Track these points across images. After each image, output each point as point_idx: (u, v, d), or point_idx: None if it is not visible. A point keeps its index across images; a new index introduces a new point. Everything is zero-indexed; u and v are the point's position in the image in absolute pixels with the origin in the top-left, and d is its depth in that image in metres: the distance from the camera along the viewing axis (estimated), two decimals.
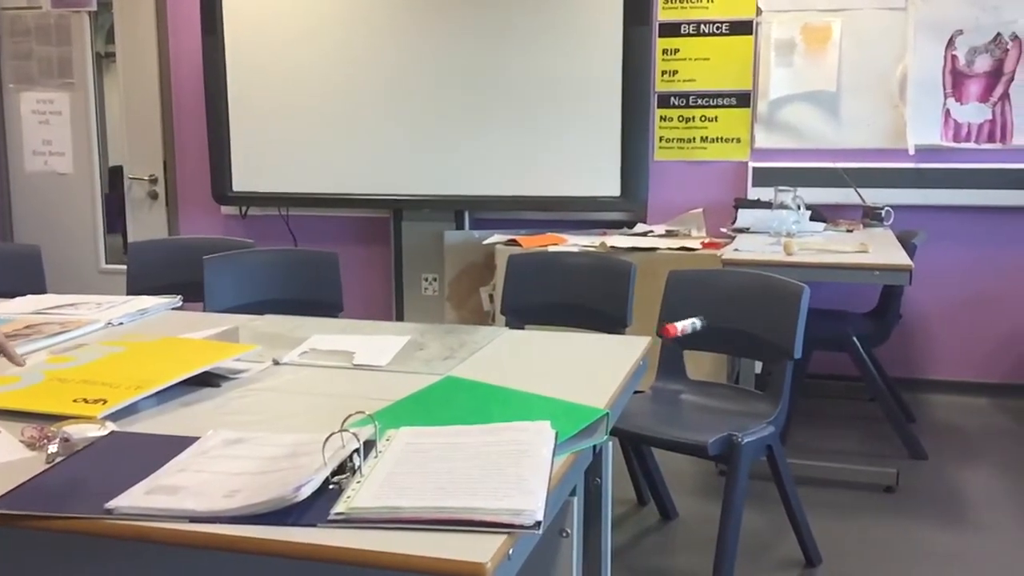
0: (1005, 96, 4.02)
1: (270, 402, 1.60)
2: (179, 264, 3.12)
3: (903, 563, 2.66)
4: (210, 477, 1.22)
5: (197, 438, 1.38)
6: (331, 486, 1.18)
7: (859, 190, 4.10)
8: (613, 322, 2.70)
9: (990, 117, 4.04)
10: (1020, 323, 4.18)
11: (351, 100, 4.54)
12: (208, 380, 1.70)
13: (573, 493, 1.45)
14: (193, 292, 2.78)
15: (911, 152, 4.12)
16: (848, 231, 3.81)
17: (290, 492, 1.12)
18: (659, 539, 2.83)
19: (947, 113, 4.09)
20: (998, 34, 4.00)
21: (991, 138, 4.05)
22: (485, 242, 4.30)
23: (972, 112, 4.06)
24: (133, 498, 1.15)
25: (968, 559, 2.68)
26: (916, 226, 3.94)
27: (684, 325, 2.54)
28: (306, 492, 1.13)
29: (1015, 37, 3.99)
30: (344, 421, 1.30)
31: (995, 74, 4.02)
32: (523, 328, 2.38)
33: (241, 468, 1.25)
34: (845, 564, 2.65)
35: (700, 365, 3.62)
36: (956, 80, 4.07)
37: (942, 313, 4.26)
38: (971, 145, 4.07)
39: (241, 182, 4.72)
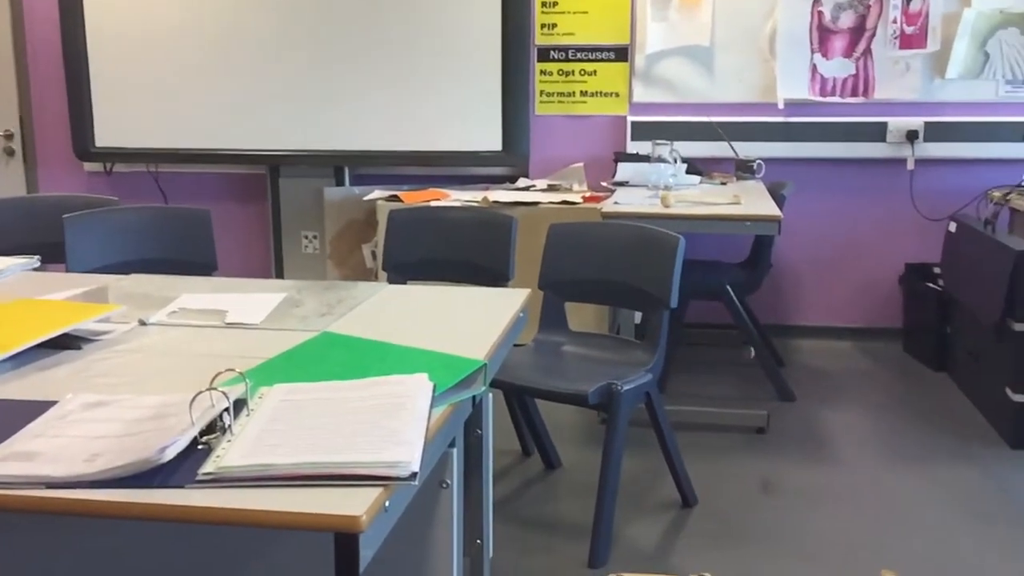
0: (868, 51, 4.19)
1: (135, 364, 1.54)
2: (38, 224, 2.95)
3: (774, 500, 2.78)
4: (69, 442, 1.17)
5: (55, 402, 1.31)
6: (200, 446, 1.15)
7: (732, 143, 4.21)
8: (495, 276, 2.70)
9: (853, 72, 4.21)
10: (879, 269, 4.41)
11: (224, 51, 4.36)
12: (68, 343, 1.61)
13: (453, 444, 1.46)
14: (54, 253, 2.64)
15: (780, 106, 4.25)
16: (722, 184, 3.91)
17: (154, 454, 1.08)
18: (542, 488, 2.88)
19: (814, 68, 4.23)
20: None
21: (854, 92, 4.22)
22: (366, 198, 4.23)
23: (837, 67, 4.22)
24: None
25: (832, 494, 2.83)
26: (785, 178, 4.08)
27: None
28: (171, 453, 1.09)
29: None
30: (213, 380, 1.26)
31: (858, 30, 4.18)
32: (405, 284, 2.36)
33: (103, 431, 1.20)
34: (719, 503, 2.76)
35: (582, 317, 3.68)
36: (822, 36, 4.21)
37: (809, 261, 4.45)
38: (836, 99, 4.23)
39: (105, 137, 4.49)
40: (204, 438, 1.16)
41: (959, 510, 2.72)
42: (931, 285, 4.03)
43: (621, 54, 4.36)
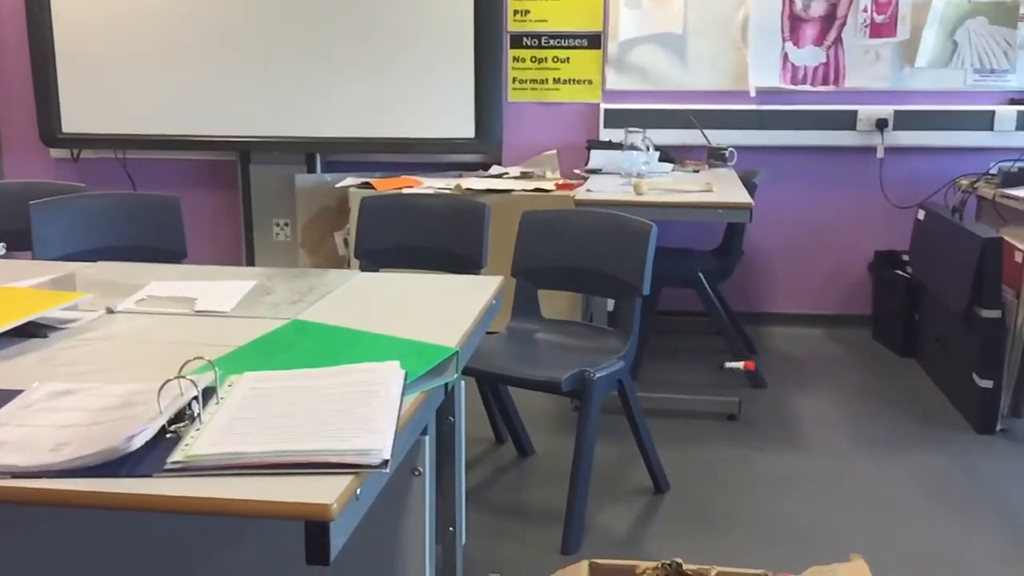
0: (838, 40, 4.21)
1: (103, 352, 1.52)
2: (4, 211, 2.90)
3: (744, 486, 2.81)
4: (35, 431, 1.15)
5: (21, 391, 1.29)
6: (168, 435, 1.14)
7: (704, 131, 4.23)
8: (468, 264, 2.69)
9: (824, 60, 4.23)
10: (849, 257, 4.45)
11: (193, 35, 4.31)
12: (34, 331, 1.59)
13: (425, 432, 1.45)
14: (20, 240, 2.60)
15: (752, 94, 4.27)
16: (694, 171, 3.92)
17: (122, 442, 1.07)
18: (516, 475, 2.89)
19: (785, 56, 4.25)
20: None
21: (825, 81, 4.24)
22: (338, 185, 4.20)
23: (808, 55, 4.24)
24: None
25: (803, 479, 2.86)
26: (757, 166, 4.10)
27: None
28: (139, 442, 1.08)
29: None
30: (182, 368, 1.24)
31: (829, 18, 4.20)
32: (377, 271, 2.34)
33: (69, 420, 1.18)
34: (691, 490, 2.78)
35: (555, 304, 3.68)
36: (794, 24, 4.23)
37: (780, 249, 4.48)
38: (807, 87, 4.25)
39: (72, 123, 4.42)
40: (173, 427, 1.15)
41: (927, 494, 2.75)
42: (900, 272, 4.08)
43: (594, 41, 4.35)
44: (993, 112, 4.19)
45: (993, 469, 2.92)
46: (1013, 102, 4.19)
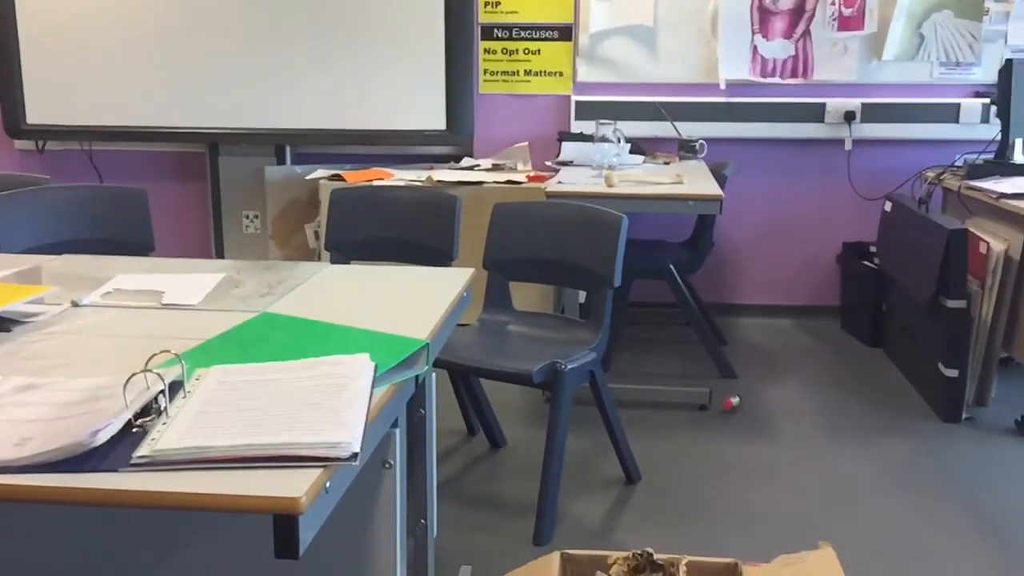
0: (807, 33, 4.24)
1: (68, 346, 1.50)
2: None
3: (715, 475, 2.83)
4: None
5: None
6: (135, 430, 1.12)
7: (675, 123, 4.24)
8: (440, 256, 2.69)
9: (793, 53, 4.26)
10: (818, 248, 4.49)
11: (160, 25, 4.25)
12: None
13: (395, 425, 1.45)
14: None
15: (722, 87, 4.29)
16: (665, 163, 3.94)
17: (87, 437, 1.05)
18: (488, 467, 2.89)
19: (755, 49, 4.27)
20: None
21: (794, 73, 4.27)
22: (308, 177, 4.18)
23: (777, 48, 4.27)
24: None
25: (772, 468, 2.89)
26: (727, 158, 4.12)
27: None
28: (104, 436, 1.06)
29: None
30: (148, 361, 1.23)
31: (798, 11, 4.23)
32: (348, 264, 2.33)
33: (34, 415, 1.17)
34: (663, 479, 2.80)
35: (527, 296, 3.69)
36: (763, 17, 4.25)
37: (750, 241, 4.51)
38: (776, 80, 4.28)
39: (37, 114, 4.35)
40: (139, 421, 1.14)
41: (893, 482, 2.79)
42: (867, 263, 4.12)
43: (565, 33, 4.35)
44: (959, 105, 4.24)
45: (958, 457, 2.97)
46: (978, 95, 4.25)
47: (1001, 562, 2.34)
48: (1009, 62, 3.60)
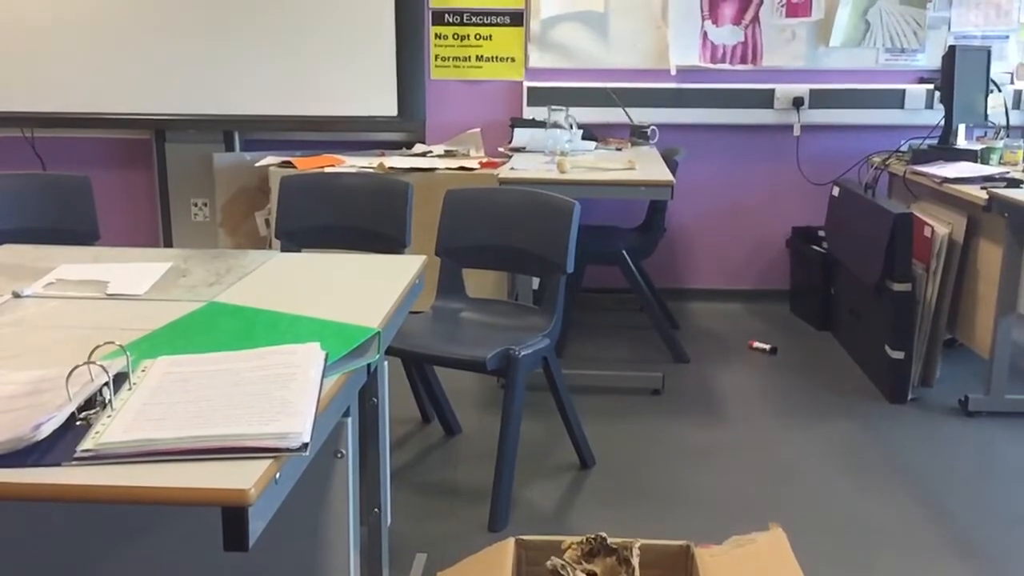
0: (756, 19, 4.28)
1: (9, 338, 1.46)
2: None
3: (668, 459, 2.86)
4: None
5: None
6: (78, 423, 1.10)
7: (627, 109, 4.26)
8: (392, 243, 2.67)
9: (742, 39, 4.29)
10: (767, 233, 4.54)
11: (104, 8, 4.15)
12: None
13: (347, 414, 1.44)
14: None
15: (673, 73, 4.31)
16: (617, 149, 3.95)
17: (28, 431, 1.03)
18: (442, 455, 2.89)
19: (704, 35, 4.30)
20: None
21: (743, 59, 4.31)
22: (258, 164, 4.12)
23: (727, 34, 4.30)
24: None
25: (724, 451, 2.93)
26: (678, 143, 4.15)
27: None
28: (47, 430, 1.04)
29: None
30: (92, 353, 1.20)
31: None
32: (299, 252, 2.31)
33: None
34: (616, 463, 2.82)
35: (481, 283, 3.68)
36: (712, 3, 4.27)
37: (700, 226, 4.55)
38: (726, 66, 4.32)
39: None
40: (83, 414, 1.11)
41: (842, 463, 2.85)
42: (816, 248, 4.19)
43: (516, 19, 4.34)
44: (904, 91, 4.31)
45: (904, 436, 3.04)
46: (922, 81, 4.32)
47: (947, 538, 2.40)
48: (952, 48, 3.67)
